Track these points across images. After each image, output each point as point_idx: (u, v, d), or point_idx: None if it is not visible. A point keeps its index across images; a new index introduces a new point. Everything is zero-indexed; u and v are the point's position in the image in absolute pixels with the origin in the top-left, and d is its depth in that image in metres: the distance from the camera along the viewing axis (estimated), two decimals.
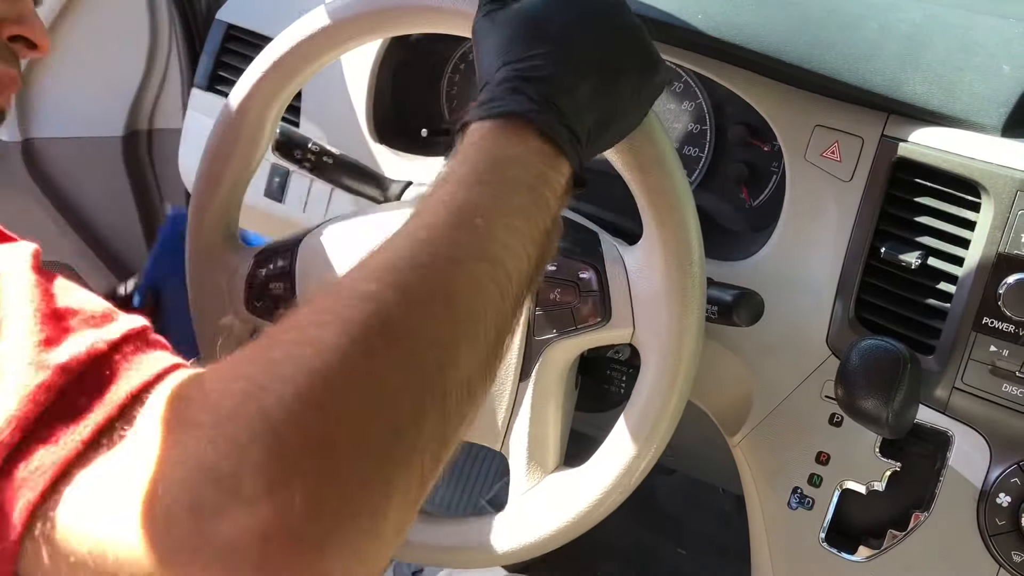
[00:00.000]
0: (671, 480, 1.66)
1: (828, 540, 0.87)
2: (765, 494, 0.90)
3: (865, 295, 0.84)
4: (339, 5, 0.75)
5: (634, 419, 0.70)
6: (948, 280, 0.81)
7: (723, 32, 0.87)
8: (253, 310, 0.82)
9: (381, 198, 0.96)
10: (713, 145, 1.01)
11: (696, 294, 0.69)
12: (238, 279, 0.83)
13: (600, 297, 0.72)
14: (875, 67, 0.84)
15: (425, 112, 1.14)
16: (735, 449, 0.93)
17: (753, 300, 0.80)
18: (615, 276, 0.72)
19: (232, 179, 0.83)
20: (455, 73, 1.14)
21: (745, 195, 1.00)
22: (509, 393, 0.75)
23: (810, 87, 0.86)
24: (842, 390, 0.75)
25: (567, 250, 0.74)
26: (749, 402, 0.90)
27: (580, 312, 0.73)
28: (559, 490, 0.74)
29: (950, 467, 0.81)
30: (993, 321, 0.78)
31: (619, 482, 0.71)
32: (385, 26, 0.76)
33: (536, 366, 0.75)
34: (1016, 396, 0.78)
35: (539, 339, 0.74)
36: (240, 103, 0.83)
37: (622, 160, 0.69)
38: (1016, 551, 0.79)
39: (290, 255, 0.81)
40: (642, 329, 0.71)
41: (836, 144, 0.85)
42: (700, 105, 1.01)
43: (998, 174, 0.78)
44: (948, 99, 0.82)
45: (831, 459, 0.86)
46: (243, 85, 0.83)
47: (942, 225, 0.82)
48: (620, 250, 0.73)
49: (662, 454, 0.74)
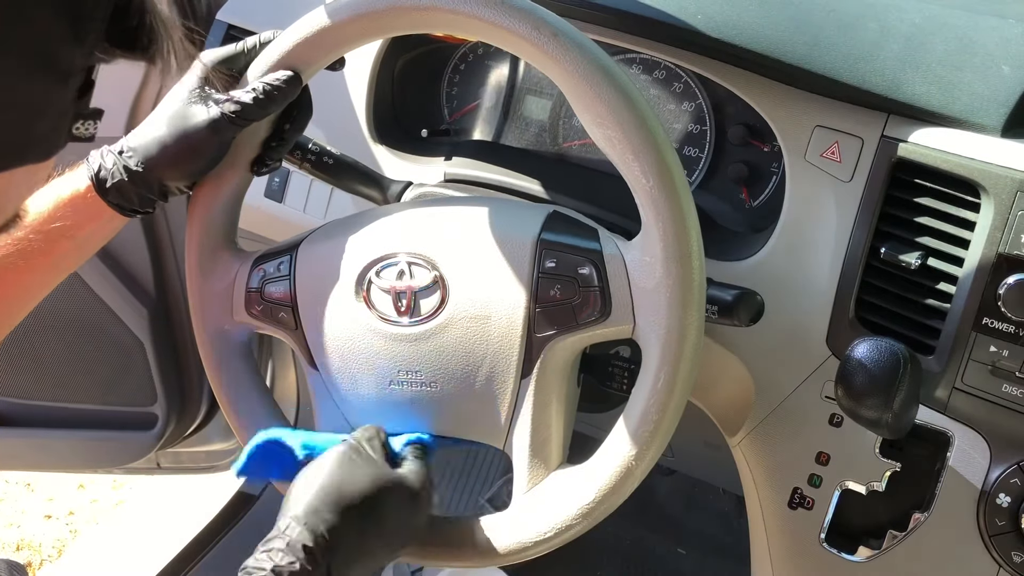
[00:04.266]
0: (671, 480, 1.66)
1: (828, 540, 0.87)
2: (765, 494, 0.90)
3: (865, 295, 0.84)
4: (338, 6, 0.75)
5: (638, 412, 0.70)
6: (948, 280, 0.81)
7: (723, 32, 0.87)
8: (253, 315, 0.82)
9: (381, 198, 0.96)
10: (713, 145, 1.02)
11: (696, 284, 0.69)
12: (238, 284, 0.83)
13: (600, 292, 0.72)
14: (875, 67, 0.84)
15: (425, 112, 1.14)
16: (735, 449, 0.93)
17: (753, 300, 0.80)
18: (615, 271, 0.72)
19: (232, 182, 0.83)
20: (455, 73, 1.14)
21: (745, 195, 1.00)
22: (511, 391, 0.75)
23: (810, 87, 0.86)
24: (842, 390, 0.75)
25: (566, 246, 0.74)
26: (749, 402, 0.90)
27: (580, 308, 0.73)
28: (564, 487, 0.74)
29: (950, 467, 0.81)
30: (993, 321, 0.78)
31: (625, 475, 0.71)
32: (384, 28, 0.76)
33: (537, 363, 0.74)
34: (1016, 396, 0.78)
35: (540, 336, 0.74)
36: None
37: (616, 152, 0.69)
38: (1016, 551, 0.79)
39: (289, 259, 0.81)
40: (643, 323, 0.71)
41: (836, 144, 0.85)
42: (700, 105, 1.02)
43: (998, 174, 0.78)
44: (948, 99, 0.82)
45: (831, 459, 0.86)
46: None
47: (942, 225, 0.82)
48: (619, 245, 0.73)
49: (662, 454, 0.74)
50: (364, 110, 1.07)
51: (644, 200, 0.69)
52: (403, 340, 0.77)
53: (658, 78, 1.03)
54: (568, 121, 1.07)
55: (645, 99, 0.70)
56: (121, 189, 0.77)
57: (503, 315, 0.74)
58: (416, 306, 0.76)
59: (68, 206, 0.77)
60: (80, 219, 0.77)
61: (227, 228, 0.85)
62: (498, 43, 0.72)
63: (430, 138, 1.10)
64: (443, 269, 0.76)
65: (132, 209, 0.79)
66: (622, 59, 1.03)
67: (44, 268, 0.78)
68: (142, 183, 0.77)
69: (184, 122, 0.76)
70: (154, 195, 0.79)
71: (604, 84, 0.68)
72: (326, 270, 0.79)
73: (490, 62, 1.12)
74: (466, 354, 0.75)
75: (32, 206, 0.77)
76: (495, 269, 0.75)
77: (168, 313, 1.42)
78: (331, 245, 0.80)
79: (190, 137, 0.76)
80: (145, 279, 1.40)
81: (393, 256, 0.78)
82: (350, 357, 0.78)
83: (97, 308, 1.39)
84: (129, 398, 1.47)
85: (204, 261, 0.84)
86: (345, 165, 0.94)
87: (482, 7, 0.70)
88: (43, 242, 0.76)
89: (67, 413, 1.49)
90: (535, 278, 0.74)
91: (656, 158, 0.68)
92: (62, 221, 0.77)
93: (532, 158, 1.06)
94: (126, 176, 0.76)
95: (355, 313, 0.78)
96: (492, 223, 0.77)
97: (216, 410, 1.51)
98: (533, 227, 0.75)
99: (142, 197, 0.78)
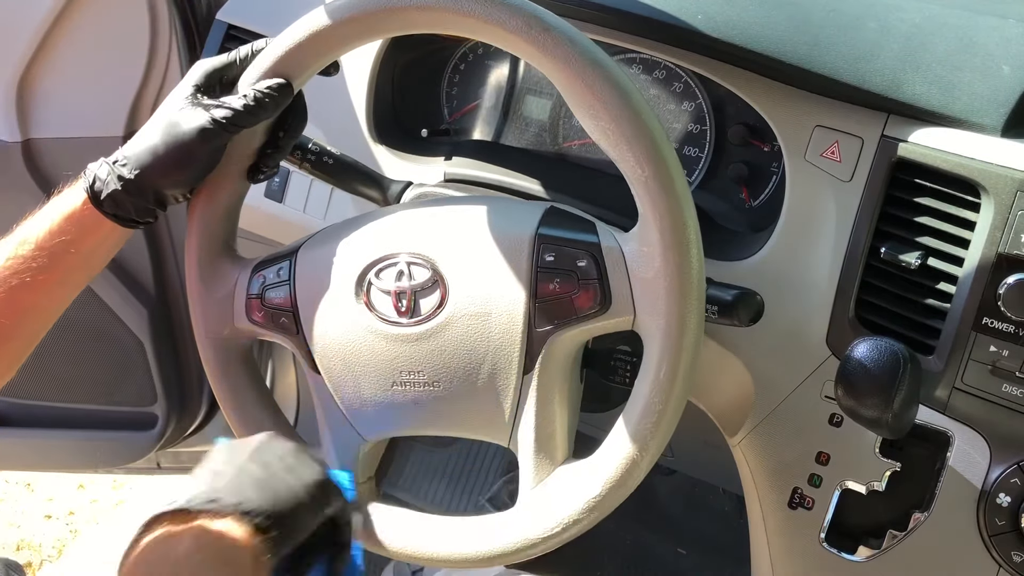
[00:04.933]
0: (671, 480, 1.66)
1: (828, 540, 0.87)
2: (765, 494, 0.90)
3: (865, 295, 0.84)
4: (328, 10, 0.75)
5: (641, 404, 0.70)
6: (948, 280, 0.81)
7: (723, 32, 0.87)
8: (254, 321, 0.82)
9: (381, 198, 0.96)
10: (713, 145, 1.01)
11: (695, 272, 0.69)
12: (238, 290, 0.83)
13: (599, 285, 0.72)
14: (875, 67, 0.84)
15: (425, 112, 1.14)
16: (735, 449, 0.93)
17: (753, 300, 0.80)
18: (613, 263, 0.72)
19: (229, 190, 0.83)
20: (455, 73, 1.14)
21: (745, 195, 1.00)
22: (514, 388, 0.75)
23: (810, 87, 0.86)
24: (842, 390, 0.75)
25: (564, 240, 0.74)
26: (749, 402, 0.90)
27: (580, 301, 0.73)
28: (570, 481, 0.74)
29: (950, 467, 0.81)
30: (993, 321, 0.78)
31: (631, 467, 0.70)
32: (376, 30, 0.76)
33: (539, 359, 0.74)
34: (1016, 396, 0.78)
35: (540, 331, 0.74)
36: None
37: (611, 144, 0.69)
38: (1016, 551, 0.79)
39: (289, 264, 0.81)
40: (643, 313, 0.71)
41: (836, 144, 0.85)
42: (700, 105, 1.02)
43: (998, 174, 0.78)
44: (948, 99, 0.82)
45: (831, 459, 0.86)
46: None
47: (942, 225, 0.82)
48: (617, 237, 0.73)
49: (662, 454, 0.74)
50: (364, 110, 1.07)
51: (640, 190, 0.69)
52: (404, 341, 0.77)
53: (658, 78, 1.03)
54: (568, 121, 1.07)
55: (639, 91, 0.70)
56: (116, 199, 0.77)
57: (503, 311, 0.74)
58: (416, 306, 0.76)
59: (69, 221, 0.78)
60: (81, 233, 0.78)
61: (226, 235, 0.85)
62: (491, 40, 0.72)
63: (430, 138, 1.10)
64: (442, 268, 0.76)
65: (130, 219, 0.79)
66: (622, 59, 1.03)
67: (51, 285, 0.79)
68: (136, 191, 0.77)
69: (176, 129, 0.76)
70: (150, 204, 0.79)
71: (596, 76, 0.68)
72: (326, 274, 0.79)
73: (490, 62, 1.12)
74: (468, 352, 0.75)
75: (36, 224, 0.78)
76: (494, 266, 0.75)
77: (168, 313, 1.42)
78: (330, 248, 0.80)
79: (181, 144, 0.76)
80: (145, 279, 1.40)
81: (392, 257, 0.78)
82: (352, 359, 0.78)
83: (97, 308, 1.39)
84: (129, 398, 1.47)
85: (204, 268, 0.84)
86: (345, 165, 0.94)
87: (474, 4, 0.70)
88: (48, 259, 0.77)
89: (67, 413, 1.49)
90: (534, 273, 0.74)
91: (651, 148, 0.68)
92: (65, 236, 0.77)
93: (532, 158, 1.06)
94: (119, 185, 0.77)
95: (356, 315, 0.78)
96: (490, 220, 0.77)
97: (216, 410, 1.51)
98: (531, 223, 0.75)
99: (138, 206, 0.78)
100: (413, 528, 0.79)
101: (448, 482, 1.72)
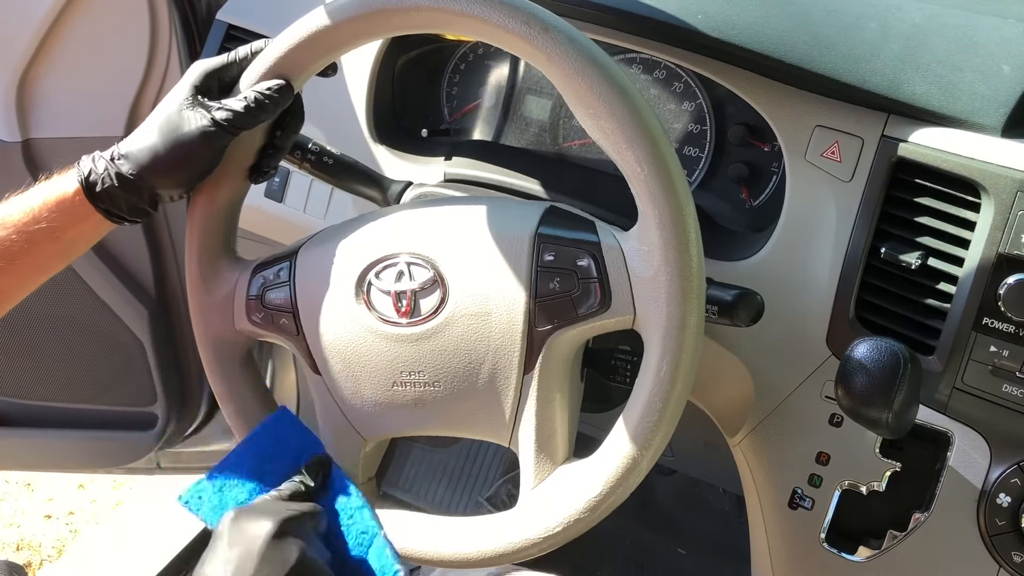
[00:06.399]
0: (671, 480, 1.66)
1: (828, 540, 0.87)
2: (765, 494, 0.90)
3: (865, 295, 0.84)
4: (337, 7, 0.75)
5: (642, 402, 0.70)
6: (948, 280, 0.81)
7: (723, 32, 0.87)
8: (254, 323, 0.82)
9: (381, 198, 0.96)
10: (713, 145, 1.02)
11: (695, 271, 0.69)
12: (238, 292, 0.83)
13: (599, 283, 0.72)
14: (875, 67, 0.84)
15: (425, 112, 1.14)
16: (735, 449, 0.93)
17: (753, 300, 0.80)
18: (613, 262, 0.72)
19: (229, 191, 0.83)
20: (455, 73, 1.14)
21: (745, 195, 1.00)
22: (514, 387, 0.75)
23: (810, 87, 0.86)
24: (842, 390, 0.75)
25: (564, 239, 0.74)
26: (749, 402, 0.90)
27: (580, 300, 0.73)
28: (571, 481, 0.74)
29: (950, 467, 0.81)
30: (993, 321, 0.78)
31: (632, 466, 0.70)
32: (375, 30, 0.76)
33: (540, 358, 0.74)
34: (1016, 396, 0.78)
35: (540, 330, 0.74)
36: None
37: (610, 143, 0.69)
38: (1016, 551, 0.79)
39: (288, 265, 0.81)
40: (643, 312, 0.71)
41: (836, 144, 0.85)
42: (700, 105, 1.02)
43: (998, 174, 0.78)
44: (948, 99, 0.82)
45: (831, 459, 0.86)
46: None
47: (942, 225, 0.82)
48: (616, 236, 0.73)
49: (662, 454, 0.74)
50: (364, 110, 1.07)
51: (640, 189, 0.69)
52: (404, 341, 0.77)
53: (658, 78, 1.03)
54: (568, 121, 1.07)
55: (638, 90, 0.70)
56: (111, 195, 0.77)
57: (503, 311, 0.74)
58: (416, 306, 0.76)
59: (54, 208, 0.77)
60: (66, 222, 0.78)
61: (226, 236, 0.85)
62: (491, 40, 0.72)
63: (430, 138, 1.10)
64: (442, 268, 0.76)
65: (121, 216, 0.79)
66: (622, 59, 1.04)
67: (27, 269, 0.79)
68: (132, 190, 0.77)
69: (176, 130, 0.76)
70: (144, 203, 0.79)
71: (596, 75, 0.68)
72: (326, 274, 0.79)
73: (490, 62, 1.12)
74: (468, 352, 0.75)
75: (16, 207, 0.78)
76: (494, 265, 0.75)
77: (168, 313, 1.43)
78: (330, 249, 0.80)
79: (182, 145, 0.76)
80: (145, 279, 1.40)
81: (392, 257, 0.78)
82: (352, 360, 0.78)
83: (97, 308, 1.39)
84: (129, 398, 1.47)
85: (204, 270, 0.84)
86: (345, 165, 0.94)
87: (473, 4, 0.70)
88: (26, 243, 0.77)
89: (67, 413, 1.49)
90: (534, 272, 0.74)
91: (650, 146, 0.68)
92: (47, 223, 0.77)
93: (532, 158, 1.06)
94: (116, 182, 0.77)
95: (356, 316, 0.78)
96: (490, 220, 0.77)
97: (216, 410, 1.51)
98: (530, 222, 0.76)
99: (131, 205, 0.78)
100: (413, 528, 0.79)
101: (448, 482, 1.72)
